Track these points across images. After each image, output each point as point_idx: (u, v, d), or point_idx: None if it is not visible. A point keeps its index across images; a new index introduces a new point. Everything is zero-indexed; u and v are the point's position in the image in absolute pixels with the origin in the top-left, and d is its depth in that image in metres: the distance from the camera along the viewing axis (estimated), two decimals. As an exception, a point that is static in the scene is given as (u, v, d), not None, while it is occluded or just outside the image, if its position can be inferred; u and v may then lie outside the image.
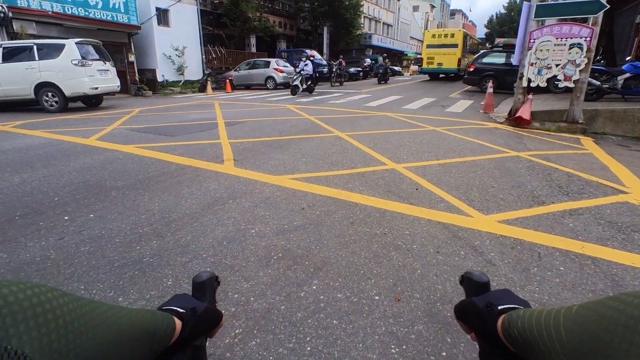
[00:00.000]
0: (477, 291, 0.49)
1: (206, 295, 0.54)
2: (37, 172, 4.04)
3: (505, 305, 0.42)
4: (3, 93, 8.95)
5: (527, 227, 2.72)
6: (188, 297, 0.51)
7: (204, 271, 0.56)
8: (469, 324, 0.47)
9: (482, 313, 0.43)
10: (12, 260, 2.26)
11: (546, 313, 0.33)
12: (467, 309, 0.47)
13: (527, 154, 4.90)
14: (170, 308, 0.47)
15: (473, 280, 0.50)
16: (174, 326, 0.44)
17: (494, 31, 55.82)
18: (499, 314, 0.41)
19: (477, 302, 0.45)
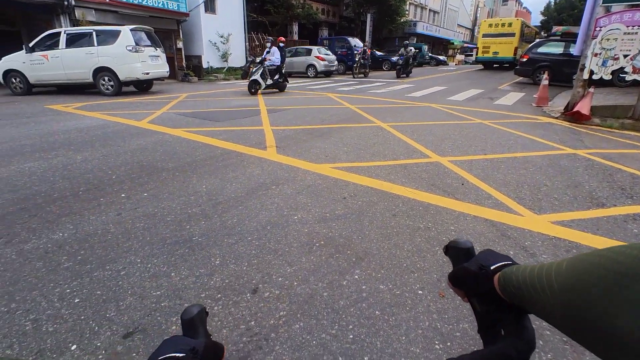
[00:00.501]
0: (464, 257, 0.51)
1: (199, 330, 0.50)
2: (96, 151, 4.34)
3: (497, 264, 0.45)
4: (66, 77, 9.64)
5: (585, 230, 2.55)
6: (181, 338, 0.48)
7: (191, 306, 0.52)
8: (465, 288, 0.49)
9: (477, 276, 0.46)
10: (77, 231, 2.46)
11: (539, 268, 0.35)
12: (462, 275, 0.49)
13: (585, 152, 4.56)
14: (169, 356, 0.43)
15: (459, 248, 0.52)
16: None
17: (551, 18, 51.85)
18: (492, 273, 0.44)
19: (469, 267, 0.48)
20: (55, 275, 2.00)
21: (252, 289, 1.90)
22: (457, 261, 0.52)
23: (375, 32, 30.03)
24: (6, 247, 2.27)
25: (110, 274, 2.01)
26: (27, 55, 9.42)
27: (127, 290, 1.88)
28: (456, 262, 0.52)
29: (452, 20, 49.48)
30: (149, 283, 1.94)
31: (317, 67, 17.10)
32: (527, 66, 13.26)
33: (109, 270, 2.05)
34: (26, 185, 3.25)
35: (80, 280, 1.96)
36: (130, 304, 1.78)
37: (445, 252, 0.55)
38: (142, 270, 2.05)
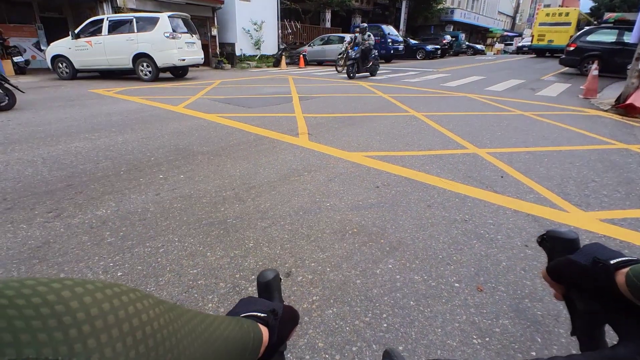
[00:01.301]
0: (566, 249, 0.45)
1: (274, 294, 0.49)
2: (136, 133, 4.50)
3: (617, 259, 0.39)
4: (108, 62, 10.04)
5: (639, 229, 2.37)
6: (258, 299, 0.46)
7: (268, 269, 0.51)
8: (568, 283, 0.44)
9: (591, 270, 0.40)
10: (119, 209, 2.57)
11: None
12: (566, 268, 0.43)
13: (639, 147, 4.23)
14: (251, 314, 0.42)
15: (560, 238, 0.46)
16: (261, 335, 0.39)
17: (603, 5, 48.21)
18: (614, 269, 0.38)
19: (578, 259, 0.42)
20: (100, 249, 2.10)
21: (285, 273, 1.91)
22: (556, 253, 0.46)
23: (410, 19, 29.12)
24: (55, 220, 2.40)
25: (150, 251, 2.09)
26: (72, 41, 9.87)
27: (166, 267, 1.95)
28: (554, 254, 0.47)
29: (492, 7, 47.07)
30: (186, 261, 2.00)
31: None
32: (574, 55, 12.41)
33: (148, 247, 2.13)
34: (73, 164, 3.42)
35: (122, 255, 2.05)
36: (169, 280, 1.84)
37: (539, 242, 0.50)
38: (179, 249, 2.11)
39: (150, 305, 0.22)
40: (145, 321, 0.20)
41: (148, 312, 0.21)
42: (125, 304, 0.20)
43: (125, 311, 0.19)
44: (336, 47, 17.26)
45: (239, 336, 0.34)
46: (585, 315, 0.42)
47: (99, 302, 0.18)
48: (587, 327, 0.42)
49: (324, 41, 18.04)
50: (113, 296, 0.20)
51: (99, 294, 0.19)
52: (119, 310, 0.19)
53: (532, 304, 1.70)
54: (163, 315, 0.22)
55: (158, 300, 0.23)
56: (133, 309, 0.20)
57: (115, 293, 0.20)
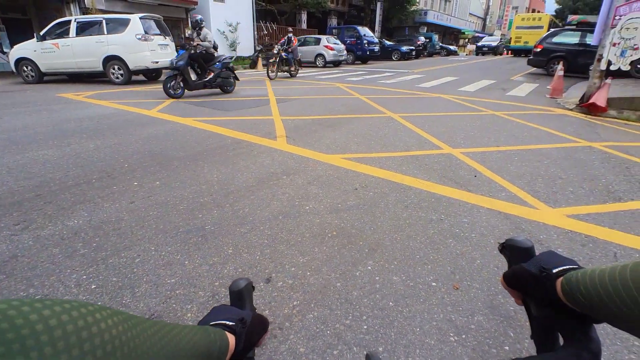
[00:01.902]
0: (522, 257, 0.48)
1: (246, 303, 0.51)
2: (108, 139, 4.37)
3: (559, 267, 0.42)
4: (77, 65, 9.69)
5: (601, 224, 2.51)
6: (229, 308, 0.48)
7: (240, 279, 0.53)
8: (522, 290, 0.46)
9: (538, 278, 0.43)
10: (92, 219, 2.49)
11: (609, 273, 0.32)
12: (520, 275, 0.46)
13: (602, 144, 4.46)
14: (219, 323, 0.44)
15: (517, 247, 0.49)
16: (227, 342, 0.41)
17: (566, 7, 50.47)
18: (556, 277, 0.41)
19: (529, 268, 0.44)
20: (72, 261, 2.03)
21: (265, 278, 1.91)
22: (514, 261, 0.49)
23: (385, 21, 29.58)
24: (23, 233, 2.30)
25: (125, 261, 2.03)
26: (38, 43, 9.47)
27: (142, 278, 1.90)
28: (512, 261, 0.49)
29: (463, 9, 48.44)
30: (163, 271, 1.96)
31: (326, 56, 16.95)
32: (541, 56, 12.94)
33: (124, 257, 2.07)
34: (41, 173, 3.29)
35: (96, 266, 1.99)
36: (146, 290, 1.80)
37: (500, 250, 0.52)
38: (156, 258, 2.07)
39: (102, 317, 0.22)
40: (95, 333, 0.21)
41: (99, 324, 0.22)
42: (74, 317, 0.21)
43: (74, 325, 0.20)
44: (312, 49, 17.32)
45: (203, 344, 0.35)
46: (539, 319, 0.44)
47: (44, 319, 0.19)
48: (541, 331, 0.44)
49: (300, 42, 18.03)
50: (62, 312, 0.20)
51: (46, 311, 0.20)
52: (66, 325, 0.20)
53: (504, 300, 1.76)
54: (116, 326, 0.23)
55: (113, 311, 0.24)
56: (83, 322, 0.21)
57: (64, 309, 0.21)
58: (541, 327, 0.44)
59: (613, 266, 0.33)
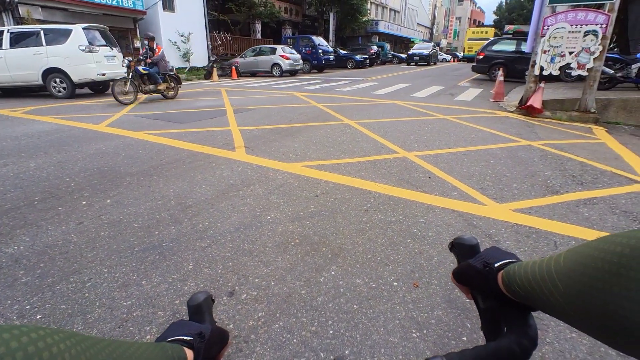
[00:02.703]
0: (469, 254, 0.51)
1: (205, 316, 0.51)
2: (51, 157, 4.08)
3: (500, 262, 0.44)
4: (12, 79, 8.96)
5: (542, 216, 2.73)
6: (188, 322, 0.48)
7: (198, 292, 0.53)
8: (469, 285, 0.49)
9: (482, 273, 0.45)
10: (35, 244, 2.31)
11: (539, 265, 0.35)
12: (466, 271, 0.48)
13: (539, 143, 4.86)
14: (177, 338, 0.44)
15: (464, 245, 0.52)
16: (185, 357, 0.41)
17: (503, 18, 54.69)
18: (497, 271, 0.44)
19: (474, 263, 0.47)
20: (13, 291, 1.87)
21: (228, 292, 1.87)
22: (462, 258, 0.51)
23: (339, 30, 30.31)
24: (-47, 264, 2.08)
25: (74, 286, 1.90)
26: (-35, 56, 8.65)
27: (95, 302, 1.79)
28: (461, 258, 0.52)
29: (412, 19, 50.90)
30: (118, 293, 1.86)
31: (283, 66, 17.01)
32: (484, 63, 13.90)
33: (73, 282, 1.94)
34: (-28, 197, 3.00)
35: (41, 294, 1.84)
36: (99, 316, 1.70)
37: (450, 248, 0.55)
38: (110, 280, 1.96)
39: (54, 341, 0.22)
40: (46, 358, 0.20)
41: (51, 349, 0.21)
42: (23, 343, 0.20)
43: (24, 352, 0.20)
44: (269, 58, 17.34)
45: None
46: (486, 312, 0.47)
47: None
48: (488, 322, 0.47)
49: (255, 52, 18.01)
50: (10, 339, 0.20)
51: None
52: (16, 353, 0.19)
53: (461, 294, 1.85)
54: (69, 349, 0.22)
55: (68, 333, 0.24)
56: (34, 347, 0.20)
57: (13, 335, 0.20)
58: (488, 319, 0.46)
59: (543, 258, 0.36)
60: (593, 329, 0.29)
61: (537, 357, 1.48)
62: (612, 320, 0.26)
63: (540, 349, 1.52)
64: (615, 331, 0.26)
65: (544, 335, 1.59)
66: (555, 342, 1.55)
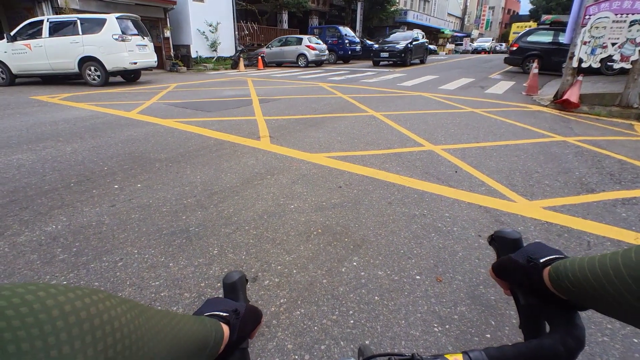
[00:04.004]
0: (511, 248, 0.49)
1: (239, 295, 0.52)
2: (86, 142, 4.26)
3: (546, 257, 0.43)
4: (50, 67, 9.38)
5: (575, 214, 2.61)
6: (223, 300, 0.49)
7: (233, 271, 0.54)
8: (510, 280, 0.48)
9: (525, 268, 0.44)
10: (71, 224, 2.43)
11: (599, 260, 0.33)
12: (508, 266, 0.47)
13: (575, 139, 4.63)
14: (214, 313, 0.45)
15: (506, 238, 0.50)
16: (222, 332, 0.42)
17: (540, 7, 52.01)
18: (542, 266, 0.42)
19: (516, 258, 0.46)
20: (51, 267, 1.98)
21: (251, 277, 1.91)
22: (503, 252, 0.50)
23: (366, 20, 29.79)
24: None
25: (107, 265, 2.00)
26: (8, 44, 9.13)
27: (126, 281, 1.87)
28: (501, 253, 0.50)
29: (442, 9, 49.27)
30: (147, 273, 1.93)
31: (308, 56, 16.94)
32: (517, 55, 13.31)
33: (105, 261, 2.03)
34: (15, 178, 3.18)
35: (77, 272, 1.94)
36: (129, 294, 1.78)
37: (489, 242, 0.53)
38: (139, 261, 2.04)
39: (112, 305, 0.23)
40: (106, 320, 0.21)
41: (109, 312, 0.22)
42: (86, 304, 0.21)
43: (87, 312, 0.20)
44: (294, 49, 17.29)
45: (201, 333, 0.36)
46: (526, 308, 0.46)
47: (60, 305, 0.19)
48: (528, 320, 0.46)
49: (282, 42, 18.00)
50: (75, 298, 0.21)
51: (61, 297, 0.20)
52: (80, 312, 0.20)
53: (486, 290, 1.82)
54: (125, 313, 0.23)
55: (122, 299, 0.24)
56: (95, 309, 0.21)
57: (77, 295, 0.21)
58: (528, 316, 0.45)
59: (603, 254, 0.34)
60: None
61: None
62: None
63: (569, 351, 1.47)
64: None
65: (573, 337, 1.53)
66: (586, 345, 1.49)
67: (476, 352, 0.42)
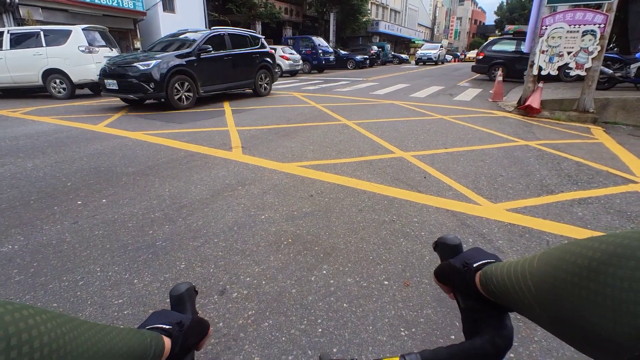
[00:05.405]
0: (452, 253, 0.51)
1: (187, 306, 0.52)
2: (48, 157, 4.10)
3: (479, 262, 0.45)
4: (12, 80, 9.00)
5: (536, 215, 2.73)
6: (169, 312, 0.49)
7: (181, 283, 0.53)
8: (450, 284, 0.50)
9: (461, 272, 0.46)
10: (29, 243, 2.32)
11: (514, 266, 0.35)
12: (447, 271, 0.49)
13: (536, 143, 4.86)
14: (156, 326, 0.45)
15: (447, 244, 0.53)
16: (163, 345, 0.41)
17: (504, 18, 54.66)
18: (475, 271, 0.44)
19: (454, 263, 0.48)
20: (5, 289, 1.88)
21: (219, 291, 1.88)
22: (445, 257, 0.52)
23: (339, 31, 30.33)
24: (-53, 263, 2.10)
25: (67, 285, 1.92)
26: (-35, 57, 8.69)
27: (87, 301, 1.80)
28: (444, 258, 0.52)
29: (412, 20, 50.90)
30: (110, 292, 1.87)
31: (283, 66, 17.00)
32: (483, 63, 13.89)
33: (65, 281, 1.95)
34: (-31, 197, 3.01)
35: (34, 293, 1.85)
36: (90, 314, 1.71)
37: (434, 248, 0.56)
38: (102, 279, 1.97)
39: (28, 314, 0.22)
40: (18, 330, 0.21)
41: (24, 321, 0.22)
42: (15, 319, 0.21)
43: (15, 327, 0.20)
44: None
45: (138, 346, 0.35)
46: (465, 311, 0.47)
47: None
48: (467, 322, 0.47)
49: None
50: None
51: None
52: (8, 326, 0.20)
53: (451, 292, 1.86)
54: (45, 323, 0.23)
55: (41, 309, 0.24)
56: (9, 318, 0.21)
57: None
58: (467, 318, 0.47)
59: (518, 260, 0.36)
60: (563, 332, 0.29)
61: (525, 355, 1.49)
62: (580, 324, 0.25)
63: (528, 347, 1.52)
64: (583, 336, 0.25)
65: (532, 333, 1.59)
66: (543, 340, 1.55)
67: (412, 355, 0.43)
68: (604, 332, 0.23)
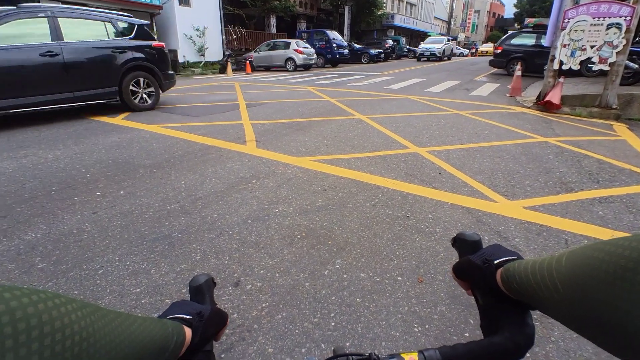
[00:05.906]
0: (471, 250, 0.51)
1: (206, 297, 0.53)
2: (69, 149, 4.20)
3: (500, 259, 0.44)
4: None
5: (554, 214, 2.67)
6: (189, 302, 0.50)
7: (200, 274, 0.55)
8: (469, 280, 0.49)
9: (481, 269, 0.46)
10: (51, 232, 2.39)
11: (539, 264, 0.35)
12: (466, 267, 0.49)
13: (556, 139, 4.74)
14: (177, 316, 0.45)
15: (466, 240, 0.52)
16: (184, 335, 0.42)
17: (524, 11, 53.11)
18: (496, 268, 0.44)
19: (474, 259, 0.47)
20: (29, 276, 1.95)
21: (234, 282, 1.90)
22: (464, 253, 0.52)
23: (354, 24, 30.02)
24: (-25, 250, 2.18)
25: (87, 273, 1.97)
26: None
27: (106, 289, 1.85)
28: (463, 254, 0.52)
29: (429, 13, 49.98)
30: (128, 281, 1.92)
31: (296, 60, 16.98)
32: (501, 57, 13.55)
33: (85, 269, 2.01)
34: (-6, 186, 3.12)
35: (56, 280, 1.91)
36: (109, 302, 1.76)
37: (452, 244, 0.55)
38: (120, 268, 2.02)
39: (59, 303, 0.23)
40: (50, 319, 0.21)
41: (53, 311, 0.22)
42: (23, 304, 0.21)
43: (23, 311, 0.20)
44: (282, 53, 17.33)
45: (160, 336, 0.36)
46: (484, 308, 0.47)
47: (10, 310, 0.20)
48: (486, 319, 0.47)
49: (270, 47, 18.02)
50: (11, 298, 0.20)
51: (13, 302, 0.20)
52: (16, 311, 0.20)
53: (465, 289, 1.84)
54: (72, 312, 0.23)
55: (70, 298, 0.24)
56: (34, 309, 0.21)
57: (14, 295, 0.21)
58: (486, 315, 0.47)
59: (544, 258, 0.35)
60: (592, 332, 0.28)
61: (542, 355, 1.47)
62: (613, 324, 0.25)
63: (545, 347, 1.50)
64: (616, 336, 0.25)
65: (548, 333, 1.56)
66: (560, 340, 1.53)
67: (430, 351, 0.43)
68: None
